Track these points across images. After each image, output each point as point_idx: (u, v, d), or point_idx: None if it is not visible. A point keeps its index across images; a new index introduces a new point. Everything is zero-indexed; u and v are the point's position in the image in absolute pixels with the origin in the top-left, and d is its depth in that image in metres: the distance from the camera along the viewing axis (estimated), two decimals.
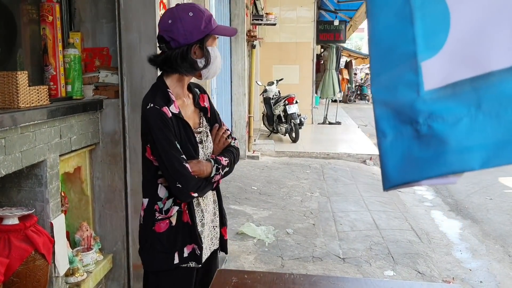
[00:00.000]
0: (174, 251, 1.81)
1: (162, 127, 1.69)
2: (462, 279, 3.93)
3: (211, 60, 1.78)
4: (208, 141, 1.89)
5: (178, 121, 1.75)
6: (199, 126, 1.88)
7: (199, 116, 1.91)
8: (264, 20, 9.47)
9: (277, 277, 1.67)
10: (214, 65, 1.81)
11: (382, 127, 0.91)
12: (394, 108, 0.88)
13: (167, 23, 1.73)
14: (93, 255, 2.89)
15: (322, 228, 4.87)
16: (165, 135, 1.70)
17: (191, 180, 1.73)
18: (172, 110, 1.74)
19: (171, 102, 1.76)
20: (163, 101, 1.74)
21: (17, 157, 2.10)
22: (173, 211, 1.81)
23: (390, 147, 0.91)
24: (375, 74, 0.92)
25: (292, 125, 9.78)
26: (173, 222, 1.81)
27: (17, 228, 2.07)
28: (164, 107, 1.72)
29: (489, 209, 6.05)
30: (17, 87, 2.15)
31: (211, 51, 1.78)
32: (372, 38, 0.91)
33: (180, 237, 1.82)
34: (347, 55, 21.39)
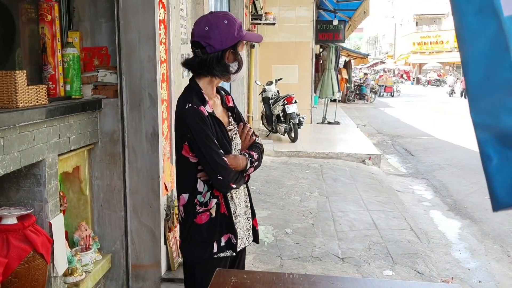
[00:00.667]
0: (213, 241, 1.95)
1: (201, 124, 1.85)
2: (461, 279, 3.94)
3: (241, 64, 1.96)
4: (237, 138, 2.03)
5: (213, 119, 1.90)
6: (229, 124, 2.03)
7: (227, 115, 2.06)
8: (263, 19, 9.46)
9: (276, 277, 1.67)
10: (243, 69, 1.98)
11: (486, 151, 0.93)
12: (498, 133, 0.90)
13: (204, 30, 1.87)
14: (92, 255, 2.89)
15: (321, 228, 4.87)
16: (205, 132, 1.85)
17: (230, 172, 1.89)
18: (208, 109, 1.90)
19: (206, 102, 1.91)
20: (199, 101, 1.89)
21: (16, 156, 2.10)
22: (212, 203, 1.95)
23: (496, 170, 0.92)
24: (473, 99, 0.93)
25: (291, 125, 9.77)
26: (213, 214, 1.95)
27: (15, 228, 2.07)
28: (201, 106, 1.87)
29: (488, 209, 6.00)
30: (16, 87, 2.15)
31: (242, 56, 1.97)
32: (467, 64, 0.93)
33: (218, 227, 1.96)
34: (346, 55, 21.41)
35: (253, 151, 2.02)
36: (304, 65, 12.92)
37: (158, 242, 3.11)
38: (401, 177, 8.24)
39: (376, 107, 22.26)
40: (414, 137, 12.53)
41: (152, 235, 3.10)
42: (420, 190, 7.26)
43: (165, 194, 3.18)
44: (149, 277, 3.13)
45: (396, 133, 13.34)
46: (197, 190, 1.95)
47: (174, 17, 3.36)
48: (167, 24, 3.16)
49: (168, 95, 3.23)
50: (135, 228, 3.10)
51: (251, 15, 9.39)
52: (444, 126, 14.51)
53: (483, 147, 0.93)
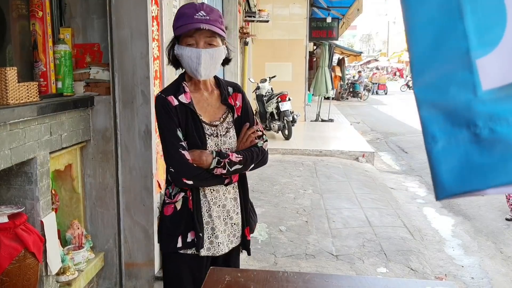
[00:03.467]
0: (178, 235, 1.89)
1: (164, 113, 1.81)
2: (455, 276, 3.95)
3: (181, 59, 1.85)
4: (227, 137, 1.92)
5: (187, 110, 1.84)
6: (218, 121, 1.92)
7: (222, 112, 1.95)
8: (257, 17, 9.44)
9: (271, 275, 1.66)
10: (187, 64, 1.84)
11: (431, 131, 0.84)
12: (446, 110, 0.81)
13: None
14: (85, 254, 2.87)
15: (315, 225, 4.87)
16: (165, 122, 1.82)
17: (183, 166, 1.80)
18: (181, 99, 1.84)
19: (182, 92, 1.86)
20: (173, 91, 1.86)
21: (6, 154, 2.07)
22: (179, 196, 1.90)
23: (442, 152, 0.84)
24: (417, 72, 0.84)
25: (285, 123, 9.76)
26: (177, 207, 1.91)
27: (6, 226, 2.04)
28: (170, 96, 1.83)
29: (481, 205, 6.08)
30: (6, 83, 2.12)
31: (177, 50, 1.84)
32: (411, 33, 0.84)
33: (184, 222, 1.89)
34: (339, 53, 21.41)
35: (238, 153, 1.88)
36: (298, 62, 12.91)
37: (151, 240, 3.09)
38: (394, 174, 8.26)
39: (369, 104, 22.32)
40: (407, 134, 12.57)
41: (145, 234, 3.08)
42: (414, 187, 7.28)
43: (158, 192, 3.16)
44: (142, 275, 3.11)
45: (389, 131, 13.38)
46: (168, 180, 1.93)
47: (167, 14, 3.34)
48: (160, 21, 3.14)
49: None
50: (128, 226, 3.08)
51: (244, 12, 9.36)
52: None
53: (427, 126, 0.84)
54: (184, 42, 1.82)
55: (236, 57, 8.16)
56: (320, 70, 13.36)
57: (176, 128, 1.81)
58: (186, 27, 1.78)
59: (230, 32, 7.98)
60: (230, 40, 8.02)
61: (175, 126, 1.81)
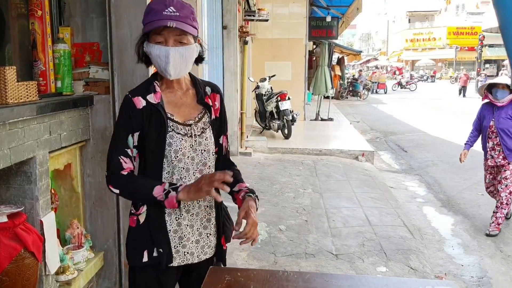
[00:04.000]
0: (143, 249, 1.77)
1: (124, 115, 1.73)
2: (454, 275, 3.95)
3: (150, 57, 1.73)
4: (203, 138, 1.79)
5: (154, 111, 1.72)
6: (193, 120, 1.79)
7: (198, 112, 1.82)
8: (256, 16, 9.43)
9: (271, 274, 1.65)
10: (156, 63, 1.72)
11: None
12: None
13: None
14: (84, 253, 2.86)
15: (315, 224, 4.87)
16: (121, 124, 1.74)
17: (112, 174, 1.73)
18: (150, 99, 1.73)
19: (151, 91, 1.75)
20: (142, 91, 1.76)
21: (6, 153, 2.06)
22: (142, 209, 1.78)
23: None
24: None
25: (285, 122, 9.76)
26: (140, 220, 1.79)
27: (5, 226, 2.04)
28: (137, 96, 1.73)
29: (481, 204, 6.08)
30: (5, 83, 2.11)
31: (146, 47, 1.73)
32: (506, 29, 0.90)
33: (149, 236, 1.76)
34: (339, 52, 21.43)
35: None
36: (298, 61, 12.92)
37: None
38: (394, 174, 8.26)
39: (369, 103, 22.32)
40: (407, 133, 12.57)
41: None
42: (413, 187, 7.28)
43: None
44: None
45: (389, 130, 13.38)
46: None
47: None
48: None
49: None
50: (127, 226, 3.07)
51: (244, 12, 9.36)
52: (437, 123, 14.57)
53: None
54: (153, 40, 1.69)
55: (236, 56, 8.15)
56: (319, 69, 13.36)
57: (129, 134, 1.71)
58: (153, 24, 1.66)
59: (229, 31, 7.97)
60: (229, 39, 8.02)
61: (128, 131, 1.71)
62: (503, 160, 5.00)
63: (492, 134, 5.04)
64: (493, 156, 5.06)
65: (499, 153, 5.00)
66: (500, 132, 4.96)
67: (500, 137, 4.96)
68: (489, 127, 5.05)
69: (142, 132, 1.73)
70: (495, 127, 5.00)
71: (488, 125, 5.07)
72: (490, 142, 5.06)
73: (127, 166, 1.73)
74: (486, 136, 5.10)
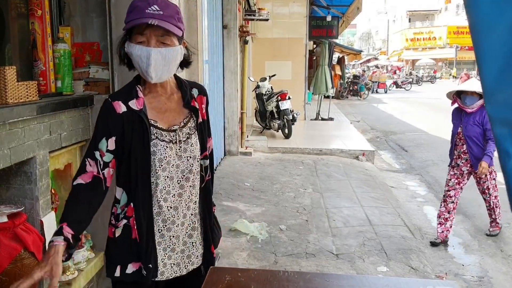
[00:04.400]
0: (116, 264, 1.68)
1: (102, 119, 1.64)
2: (455, 274, 3.94)
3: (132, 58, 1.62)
4: (188, 144, 1.69)
5: (135, 118, 1.62)
6: (178, 125, 1.69)
7: (184, 116, 1.72)
8: (257, 15, 9.42)
9: (271, 274, 1.65)
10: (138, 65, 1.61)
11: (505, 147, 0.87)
12: None
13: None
14: (84, 253, 2.86)
15: (315, 224, 4.86)
16: (98, 127, 1.65)
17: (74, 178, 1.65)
18: (132, 105, 1.62)
19: (134, 97, 1.64)
20: (124, 96, 1.65)
21: (6, 154, 2.06)
22: (121, 223, 1.69)
23: None
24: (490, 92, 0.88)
25: (285, 121, 9.76)
26: (116, 233, 1.69)
27: (5, 226, 2.04)
28: (117, 101, 1.63)
29: (481, 204, 6.04)
30: (5, 83, 2.11)
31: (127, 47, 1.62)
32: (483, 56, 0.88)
33: (124, 252, 1.67)
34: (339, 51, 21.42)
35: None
36: (298, 61, 12.91)
37: None
38: (394, 173, 8.25)
39: (369, 103, 22.31)
40: (407, 133, 12.56)
41: None
42: (414, 186, 7.27)
43: None
44: None
45: (389, 129, 13.37)
46: (115, 197, 1.73)
47: None
48: None
49: None
50: None
51: (244, 11, 9.35)
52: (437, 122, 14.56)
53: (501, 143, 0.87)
54: (134, 40, 1.59)
55: (236, 56, 8.15)
56: (320, 69, 13.36)
57: (103, 137, 1.62)
58: (134, 22, 1.56)
59: (230, 31, 7.96)
60: (229, 39, 8.01)
61: (104, 134, 1.62)
62: (471, 169, 4.70)
63: (460, 142, 4.73)
64: (459, 165, 4.75)
65: (466, 161, 4.68)
66: (467, 139, 4.61)
67: (467, 145, 4.61)
68: (457, 134, 4.73)
69: (121, 138, 1.63)
70: (463, 134, 4.66)
71: (456, 131, 4.77)
72: (457, 149, 4.75)
73: (90, 169, 1.62)
74: (453, 143, 4.81)
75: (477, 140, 4.55)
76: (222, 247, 4.15)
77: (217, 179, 6.60)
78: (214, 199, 1.94)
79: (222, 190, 5.98)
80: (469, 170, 4.69)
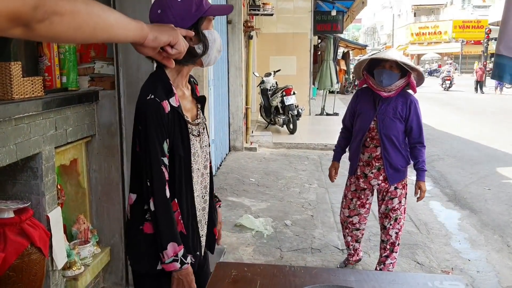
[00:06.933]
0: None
1: (155, 122, 1.57)
2: (461, 269, 3.93)
3: (209, 45, 1.64)
4: (204, 133, 1.77)
5: (175, 115, 1.63)
6: (197, 118, 1.75)
7: (196, 108, 1.77)
8: (261, 10, 9.40)
9: (278, 269, 1.65)
10: (214, 49, 1.66)
11: None
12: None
13: (157, 14, 1.59)
14: (91, 248, 2.87)
15: (321, 219, 4.86)
16: (155, 132, 1.58)
17: (158, 190, 1.59)
18: (172, 103, 1.62)
19: (172, 94, 1.63)
20: (164, 93, 1.61)
21: (12, 149, 2.07)
22: None
23: None
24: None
25: (290, 117, 9.75)
26: None
27: (12, 221, 2.04)
28: (164, 100, 1.59)
29: (488, 199, 6.04)
30: (11, 78, 2.11)
31: (208, 35, 1.64)
32: None
33: None
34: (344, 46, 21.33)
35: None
36: (302, 56, 12.88)
37: None
38: None
39: None
40: None
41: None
42: None
43: None
44: None
45: None
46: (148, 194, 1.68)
47: None
48: None
49: None
50: None
51: (248, 6, 9.32)
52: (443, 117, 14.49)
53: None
54: (206, 27, 1.64)
55: (241, 51, 8.13)
56: (324, 64, 13.31)
57: (164, 141, 1.60)
58: (222, 9, 1.73)
59: (234, 26, 7.95)
60: (234, 34, 8.00)
61: (163, 138, 1.59)
62: (384, 183, 3.38)
63: (371, 142, 3.31)
64: (367, 175, 3.38)
65: (378, 171, 3.35)
66: (384, 139, 3.25)
67: (383, 148, 3.26)
68: (368, 130, 3.29)
69: (169, 138, 1.62)
70: (378, 131, 3.25)
71: (366, 126, 3.29)
72: (366, 153, 3.35)
73: (166, 177, 1.61)
74: (361, 143, 3.34)
75: (397, 141, 3.29)
76: (227, 243, 4.16)
77: (222, 175, 6.60)
78: (219, 195, 2.02)
79: (227, 186, 5.98)
80: (380, 184, 3.40)
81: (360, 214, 3.58)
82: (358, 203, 3.53)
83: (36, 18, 0.78)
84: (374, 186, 3.42)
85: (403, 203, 3.48)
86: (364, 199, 3.52)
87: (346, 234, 3.71)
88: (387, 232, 3.48)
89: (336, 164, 3.67)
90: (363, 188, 3.47)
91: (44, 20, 0.79)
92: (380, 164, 3.32)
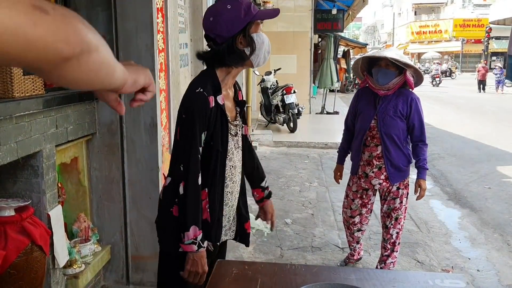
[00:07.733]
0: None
1: (199, 113, 1.72)
2: (461, 268, 3.93)
3: (256, 46, 1.80)
4: (240, 135, 1.95)
5: (218, 111, 1.78)
6: (235, 119, 1.92)
7: (235, 110, 1.95)
8: (262, 8, 9.38)
9: (278, 267, 1.65)
10: (262, 50, 1.83)
11: None
12: None
13: (209, 21, 1.76)
14: (91, 247, 2.87)
15: (321, 218, 4.86)
16: (196, 122, 1.72)
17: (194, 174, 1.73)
18: (218, 100, 1.78)
19: (220, 92, 1.80)
20: (212, 90, 1.77)
21: (12, 147, 2.07)
22: None
23: None
24: None
25: (290, 115, 9.74)
26: None
27: (13, 219, 2.04)
28: (211, 96, 1.75)
29: (488, 198, 6.04)
30: (11, 76, 2.11)
31: (256, 37, 1.81)
32: None
33: None
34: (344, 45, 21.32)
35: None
36: (303, 55, 12.86)
37: None
38: None
39: None
40: None
41: (152, 227, 3.05)
42: None
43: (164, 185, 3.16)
44: (149, 268, 3.12)
45: None
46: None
47: (172, 6, 3.32)
48: (165, 13, 3.12)
49: (166, 85, 3.19)
50: (134, 219, 3.08)
51: None
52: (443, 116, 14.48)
53: None
54: (255, 30, 1.82)
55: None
56: (325, 63, 13.29)
57: (203, 132, 1.74)
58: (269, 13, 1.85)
59: None
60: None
61: (203, 129, 1.74)
62: (385, 183, 3.35)
63: (372, 141, 3.31)
64: (368, 175, 3.37)
65: (379, 171, 3.33)
66: (384, 138, 3.24)
67: (384, 146, 3.25)
68: (369, 129, 3.31)
69: (208, 131, 1.77)
70: (378, 130, 3.26)
71: (366, 126, 3.30)
72: (367, 152, 3.35)
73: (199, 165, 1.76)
74: (361, 143, 3.35)
75: (398, 140, 3.26)
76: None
77: None
78: None
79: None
80: (382, 184, 3.38)
81: (362, 214, 3.59)
82: (360, 202, 3.54)
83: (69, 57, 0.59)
84: (375, 186, 3.40)
85: (404, 202, 3.47)
86: (366, 199, 3.53)
87: (348, 235, 3.76)
88: (388, 231, 3.49)
89: (340, 167, 3.73)
90: (365, 189, 3.48)
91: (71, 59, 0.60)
92: (381, 163, 3.31)
